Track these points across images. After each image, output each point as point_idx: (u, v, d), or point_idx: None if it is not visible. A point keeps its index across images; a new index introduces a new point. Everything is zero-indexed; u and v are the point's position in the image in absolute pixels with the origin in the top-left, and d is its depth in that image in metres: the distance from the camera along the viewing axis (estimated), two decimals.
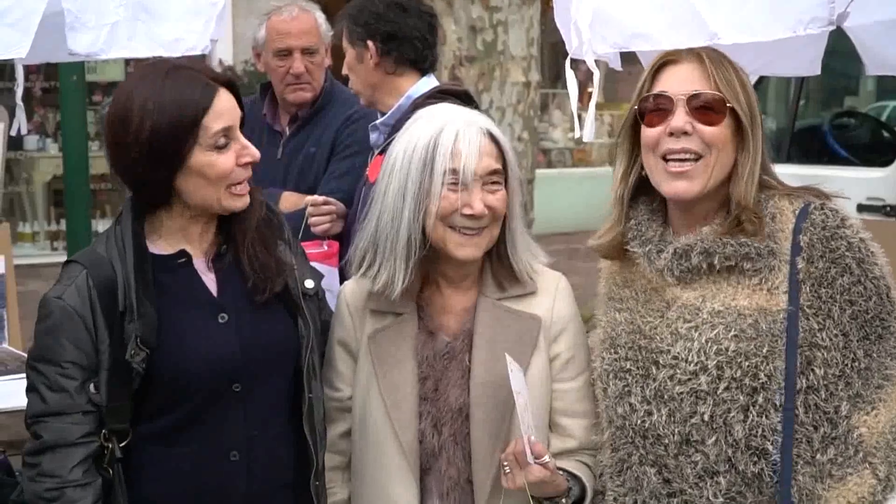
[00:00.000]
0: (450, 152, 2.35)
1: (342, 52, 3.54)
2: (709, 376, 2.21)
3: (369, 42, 3.40)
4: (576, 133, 2.73)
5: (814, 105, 9.49)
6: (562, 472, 2.37)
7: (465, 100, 3.15)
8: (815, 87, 9.05)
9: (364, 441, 2.48)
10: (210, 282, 2.38)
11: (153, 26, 3.22)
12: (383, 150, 3.24)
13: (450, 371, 2.43)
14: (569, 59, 2.72)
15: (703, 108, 2.25)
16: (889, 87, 9.59)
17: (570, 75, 2.70)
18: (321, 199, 3.68)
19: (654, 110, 2.28)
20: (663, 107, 2.27)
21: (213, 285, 2.38)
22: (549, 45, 10.98)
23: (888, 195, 6.86)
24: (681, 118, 2.25)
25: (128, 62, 8.37)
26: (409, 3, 3.44)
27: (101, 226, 8.70)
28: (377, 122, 3.45)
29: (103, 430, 2.27)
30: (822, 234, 2.20)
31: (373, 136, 3.48)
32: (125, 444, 2.28)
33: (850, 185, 2.74)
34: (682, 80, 2.28)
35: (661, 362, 2.28)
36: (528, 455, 2.23)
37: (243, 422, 2.34)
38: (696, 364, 2.22)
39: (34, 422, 2.27)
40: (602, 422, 2.41)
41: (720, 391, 2.20)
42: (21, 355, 3.81)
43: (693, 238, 2.28)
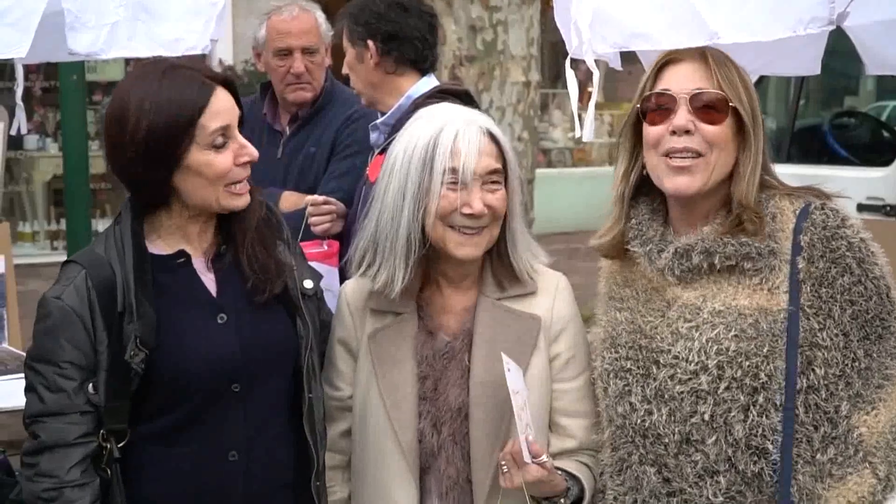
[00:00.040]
0: (449, 151, 2.35)
1: (342, 51, 3.54)
2: (709, 376, 2.21)
3: (370, 42, 3.40)
4: (576, 133, 2.73)
5: (814, 105, 9.49)
6: (561, 473, 2.37)
7: (465, 100, 3.14)
8: (815, 87, 9.05)
9: (364, 440, 2.48)
10: (209, 282, 2.38)
11: (153, 26, 3.21)
12: (383, 150, 3.24)
13: (449, 371, 2.43)
14: (569, 58, 2.72)
15: (706, 106, 2.25)
16: (889, 87, 9.59)
17: (570, 75, 2.69)
18: (321, 199, 3.68)
19: (657, 108, 2.28)
20: (666, 105, 2.27)
21: (212, 285, 2.38)
22: (549, 45, 10.98)
23: (888, 195, 6.85)
24: (683, 117, 2.24)
25: (128, 62, 8.36)
26: (410, 2, 3.44)
27: (101, 225, 8.69)
28: (377, 121, 3.45)
29: (102, 431, 2.26)
30: (823, 233, 2.20)
31: (373, 136, 3.47)
32: (123, 444, 2.28)
33: (849, 184, 2.73)
34: (685, 78, 2.28)
35: (661, 362, 2.28)
36: (526, 455, 2.23)
37: (243, 422, 2.34)
38: (696, 364, 2.23)
39: (32, 422, 2.26)
40: (602, 421, 2.41)
41: (721, 391, 2.20)
42: (21, 355, 3.80)
43: (694, 238, 2.28)
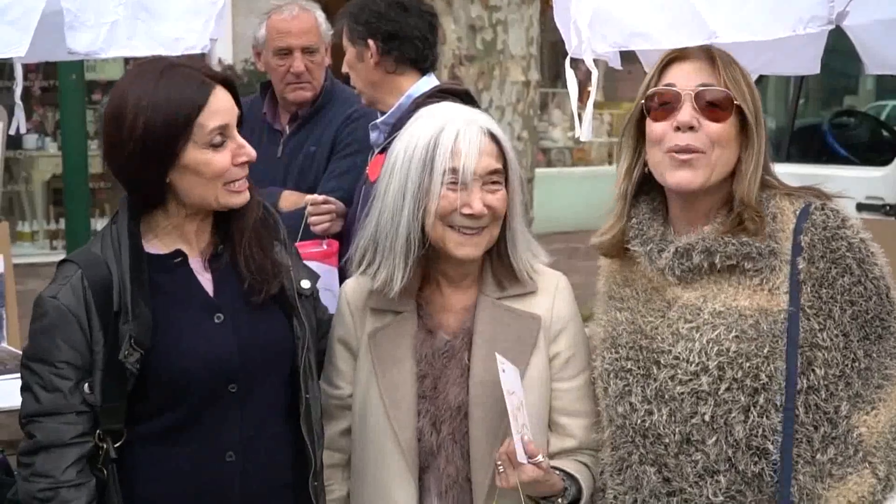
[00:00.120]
0: (450, 151, 2.35)
1: (342, 50, 3.54)
2: (710, 377, 2.21)
3: (370, 41, 3.40)
4: (576, 132, 2.73)
5: (813, 104, 9.49)
6: (558, 473, 2.37)
7: (465, 99, 3.14)
8: (815, 86, 9.04)
9: (363, 439, 2.48)
10: (206, 282, 2.37)
11: (153, 25, 3.21)
12: (383, 149, 3.24)
13: (449, 369, 2.43)
14: (568, 58, 2.72)
15: (710, 104, 2.24)
16: (888, 87, 9.59)
17: (569, 74, 2.69)
18: (321, 199, 3.68)
19: (661, 105, 2.28)
20: (670, 102, 2.27)
21: (209, 285, 2.37)
22: (548, 45, 10.97)
23: (887, 194, 6.86)
24: (687, 113, 2.24)
25: (127, 61, 8.36)
26: (411, 2, 3.44)
27: (100, 225, 8.68)
28: (377, 121, 3.45)
29: (98, 431, 2.25)
30: (823, 234, 2.20)
31: (373, 135, 3.47)
32: (120, 444, 2.27)
33: (849, 184, 2.73)
34: (690, 75, 2.28)
35: (662, 362, 2.27)
36: (521, 455, 2.23)
37: (240, 422, 2.33)
38: (697, 364, 2.22)
39: (28, 421, 2.25)
40: (602, 420, 2.41)
41: (721, 392, 2.20)
42: (20, 354, 3.79)
43: (694, 237, 2.28)
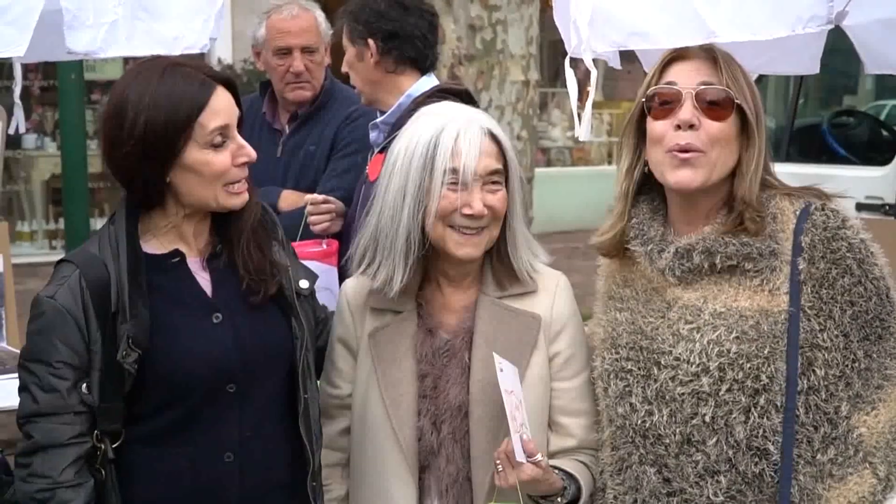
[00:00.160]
0: (450, 152, 2.35)
1: (342, 49, 3.54)
2: (710, 378, 2.21)
3: (370, 40, 3.39)
4: (575, 132, 2.72)
5: (813, 104, 9.48)
6: (557, 472, 2.36)
7: (465, 99, 3.14)
8: (814, 86, 9.04)
9: (363, 438, 2.48)
10: (204, 282, 2.36)
11: (152, 24, 3.20)
12: (383, 149, 3.24)
13: (449, 368, 2.43)
14: (568, 57, 2.72)
15: (711, 102, 2.24)
16: (888, 86, 9.58)
17: (569, 74, 2.69)
18: (321, 198, 3.68)
19: (662, 103, 2.27)
20: (671, 100, 2.26)
21: (207, 285, 2.36)
22: (548, 44, 10.98)
23: (887, 194, 6.85)
24: (688, 111, 2.24)
25: (126, 61, 8.36)
26: (411, 1, 3.44)
27: (100, 224, 8.64)
28: (377, 120, 3.45)
29: (96, 431, 2.24)
30: (824, 234, 2.20)
31: (372, 135, 3.47)
32: (118, 444, 2.26)
33: (848, 183, 2.74)
34: (691, 73, 2.27)
35: (662, 363, 2.27)
36: (520, 454, 2.22)
37: (238, 423, 2.33)
38: (697, 365, 2.22)
39: (25, 422, 2.24)
40: (602, 421, 2.41)
41: (722, 393, 2.20)
42: (19, 354, 3.79)
43: (695, 238, 2.27)
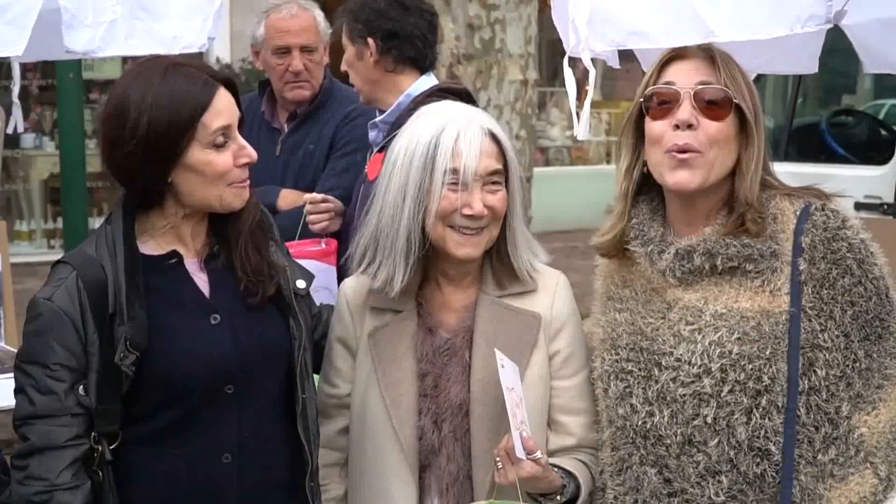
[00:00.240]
0: (451, 152, 2.34)
1: (341, 49, 3.54)
2: (712, 379, 2.20)
3: (369, 39, 3.39)
4: (574, 131, 2.72)
5: (811, 103, 9.48)
6: (557, 470, 2.36)
7: (465, 98, 3.14)
8: (813, 85, 9.03)
9: (362, 438, 2.48)
10: (202, 283, 2.36)
11: (151, 24, 3.20)
12: (382, 148, 3.23)
13: (450, 367, 2.43)
14: (566, 57, 2.71)
15: (710, 102, 2.24)
16: (887, 86, 9.59)
17: (567, 73, 2.69)
18: (319, 197, 3.68)
19: (660, 103, 2.27)
20: (669, 100, 2.26)
21: (204, 286, 2.36)
22: (546, 43, 10.98)
23: (885, 193, 6.85)
24: (686, 111, 2.23)
25: (125, 60, 8.37)
26: (411, 1, 3.44)
27: (98, 223, 8.68)
28: (376, 119, 3.45)
29: (93, 433, 2.23)
30: (824, 235, 2.20)
31: (372, 134, 3.47)
32: (115, 446, 2.25)
33: (847, 182, 2.73)
34: (690, 73, 2.27)
35: (663, 364, 2.27)
36: (520, 451, 2.22)
37: (236, 423, 2.32)
38: (699, 367, 2.22)
39: (22, 424, 2.22)
40: (602, 421, 2.40)
41: (724, 394, 2.19)
42: None
43: (695, 239, 2.27)
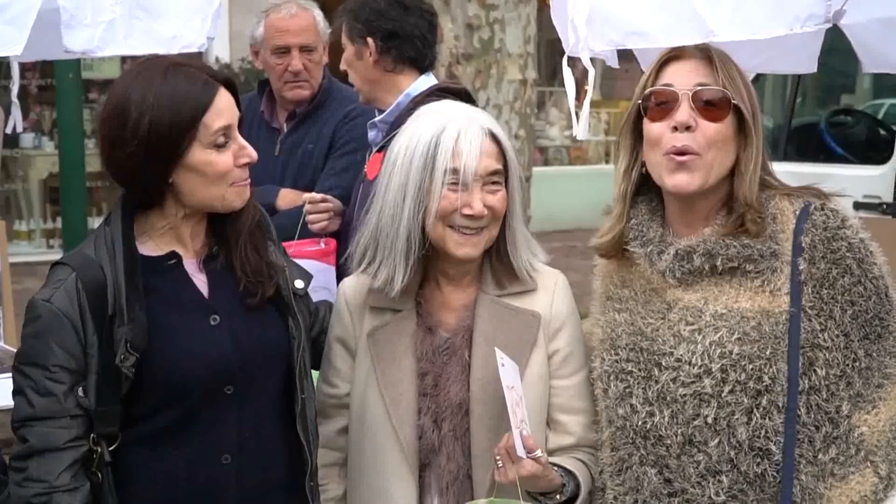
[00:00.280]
0: (451, 152, 2.34)
1: (340, 48, 3.54)
2: (713, 379, 2.20)
3: (369, 39, 3.39)
4: (573, 131, 2.72)
5: (810, 103, 9.48)
6: (556, 469, 2.36)
7: (464, 98, 3.14)
8: (812, 85, 9.03)
9: (362, 437, 2.48)
10: (201, 283, 2.35)
11: (150, 23, 3.20)
12: (382, 148, 3.24)
13: (450, 366, 2.43)
14: (566, 56, 2.71)
15: (708, 103, 2.23)
16: (886, 85, 9.59)
17: (567, 73, 2.69)
18: (319, 197, 3.67)
19: (658, 104, 2.27)
20: (667, 101, 2.25)
21: (204, 287, 2.35)
22: (545, 43, 10.98)
23: (884, 192, 6.86)
24: (685, 112, 2.23)
25: (124, 60, 8.37)
26: (411, 1, 3.44)
27: (97, 223, 8.68)
28: (376, 119, 3.44)
29: (92, 434, 2.23)
30: (824, 234, 2.20)
31: (371, 134, 3.47)
32: (115, 447, 2.25)
33: (846, 182, 2.73)
34: (688, 74, 2.26)
35: (663, 364, 2.26)
36: (520, 449, 2.22)
37: (236, 424, 2.32)
38: (699, 367, 2.22)
39: (21, 426, 2.22)
40: (602, 421, 2.40)
41: (724, 394, 2.19)
42: None
43: (695, 239, 2.27)
